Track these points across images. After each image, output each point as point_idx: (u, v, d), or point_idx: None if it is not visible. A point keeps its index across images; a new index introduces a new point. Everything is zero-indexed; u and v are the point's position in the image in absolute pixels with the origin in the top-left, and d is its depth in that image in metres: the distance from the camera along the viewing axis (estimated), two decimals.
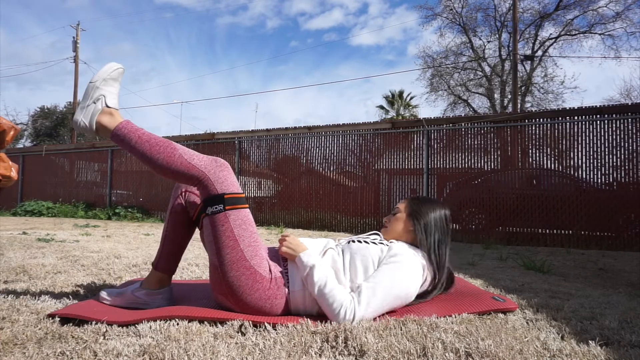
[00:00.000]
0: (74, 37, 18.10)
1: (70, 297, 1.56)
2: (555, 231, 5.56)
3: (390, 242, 1.41)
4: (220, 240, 1.29)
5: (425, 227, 1.42)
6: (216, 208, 1.30)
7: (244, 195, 1.37)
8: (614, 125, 5.41)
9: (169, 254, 1.49)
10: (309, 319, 1.20)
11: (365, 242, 1.39)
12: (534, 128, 5.94)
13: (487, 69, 18.42)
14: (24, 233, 4.25)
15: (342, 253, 1.38)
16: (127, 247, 3.32)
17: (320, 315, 1.29)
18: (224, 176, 1.34)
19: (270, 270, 1.32)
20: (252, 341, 1.07)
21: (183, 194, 1.50)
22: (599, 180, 5.48)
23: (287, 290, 1.31)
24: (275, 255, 1.40)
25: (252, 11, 54.22)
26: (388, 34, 47.62)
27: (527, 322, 1.29)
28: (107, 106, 1.39)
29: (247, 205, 1.36)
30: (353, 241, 1.41)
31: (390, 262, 1.30)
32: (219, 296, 1.33)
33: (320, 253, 1.37)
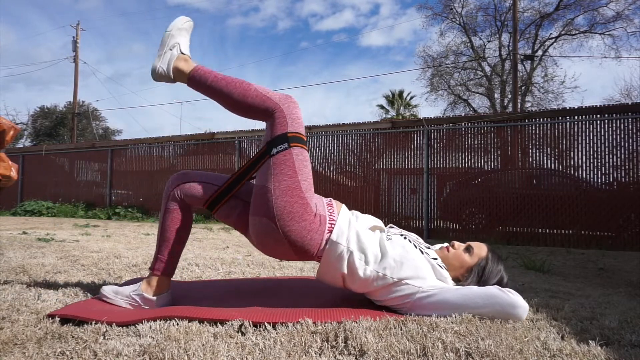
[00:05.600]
0: (73, 37, 18.09)
1: (70, 297, 1.55)
2: (555, 231, 5.56)
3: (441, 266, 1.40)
4: (280, 167, 1.35)
5: (477, 282, 1.41)
6: (281, 147, 1.36)
7: (305, 136, 1.43)
8: (614, 125, 5.41)
9: (167, 256, 1.46)
10: (309, 319, 1.20)
11: (421, 250, 1.40)
12: (534, 128, 5.94)
13: (487, 69, 18.43)
14: (24, 233, 4.25)
15: (387, 241, 1.40)
16: (127, 246, 3.32)
17: (342, 278, 1.35)
18: (296, 113, 1.41)
19: (317, 207, 1.38)
20: (252, 341, 1.07)
21: (176, 191, 1.46)
22: (599, 180, 5.48)
23: (328, 235, 1.36)
24: (320, 200, 1.44)
25: (263, 12, 54.34)
26: (398, 35, 47.64)
27: (527, 322, 1.28)
28: (182, 53, 1.47)
29: (306, 147, 1.42)
30: (405, 237, 1.44)
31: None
32: (262, 219, 1.34)
33: (369, 226, 1.43)
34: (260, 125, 9.84)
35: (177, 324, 1.17)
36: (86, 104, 23.76)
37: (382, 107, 25.03)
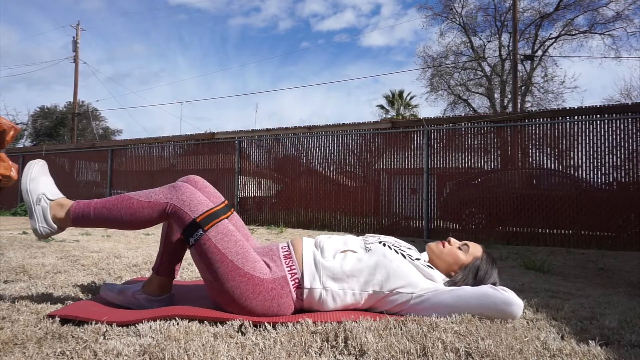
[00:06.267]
0: (73, 37, 18.09)
1: (70, 297, 1.55)
2: (555, 231, 5.57)
3: (429, 267, 1.38)
4: (207, 257, 1.27)
5: (472, 283, 1.40)
6: (196, 235, 1.28)
7: (214, 208, 1.33)
8: (614, 125, 5.41)
9: (169, 257, 1.47)
10: (309, 319, 1.20)
11: (403, 254, 1.35)
12: (534, 128, 5.94)
13: (487, 69, 18.44)
14: (24, 233, 4.24)
15: (367, 253, 1.34)
16: (127, 246, 3.32)
17: (336, 310, 1.31)
18: (187, 198, 1.31)
19: (269, 268, 1.31)
20: (252, 341, 1.07)
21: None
22: (599, 180, 5.48)
23: (297, 290, 1.30)
24: (275, 254, 1.37)
25: (265, 12, 54.36)
26: (399, 35, 47.70)
27: (527, 322, 1.29)
28: (51, 200, 1.37)
29: (223, 217, 1.33)
30: (384, 244, 1.37)
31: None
32: (228, 307, 1.30)
33: (338, 252, 1.35)
34: (260, 125, 9.82)
35: (177, 324, 1.17)
36: (86, 104, 23.76)
37: (382, 107, 25.05)
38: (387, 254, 1.32)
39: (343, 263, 1.32)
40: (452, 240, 1.51)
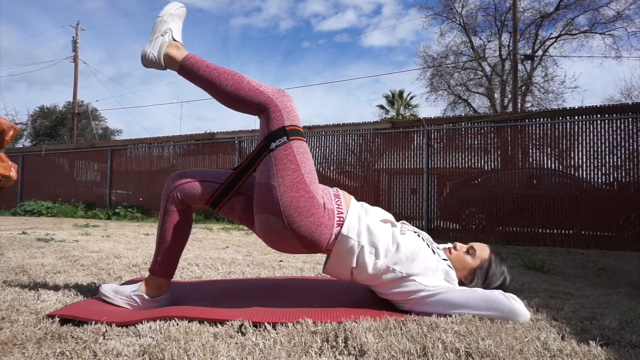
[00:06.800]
0: (73, 37, 18.09)
1: (70, 297, 1.55)
2: (555, 231, 5.56)
3: (449, 266, 1.40)
4: (282, 163, 1.31)
5: (483, 284, 1.41)
6: (280, 141, 1.32)
7: (301, 128, 1.40)
8: (614, 125, 5.41)
9: (166, 257, 1.45)
10: (309, 319, 1.20)
11: (433, 250, 1.39)
12: (534, 128, 5.94)
13: (488, 69, 18.43)
14: (24, 233, 4.24)
15: (401, 235, 1.38)
16: (126, 247, 3.32)
17: (352, 272, 1.35)
18: (290, 106, 1.38)
19: (324, 199, 1.36)
20: (252, 341, 1.07)
21: (175, 192, 1.43)
22: (600, 180, 5.48)
23: (338, 229, 1.34)
24: (327, 192, 1.43)
25: (266, 12, 54.36)
26: (400, 35, 47.69)
27: (527, 322, 1.28)
28: (174, 39, 1.42)
29: (305, 139, 1.39)
30: (419, 235, 1.43)
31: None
32: (270, 216, 1.31)
33: (380, 219, 1.41)
34: None
35: (177, 324, 1.17)
36: (86, 103, 23.76)
37: (382, 107, 25.04)
38: (419, 243, 1.37)
39: (381, 230, 1.36)
40: (458, 245, 1.51)
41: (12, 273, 1.99)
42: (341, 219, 1.35)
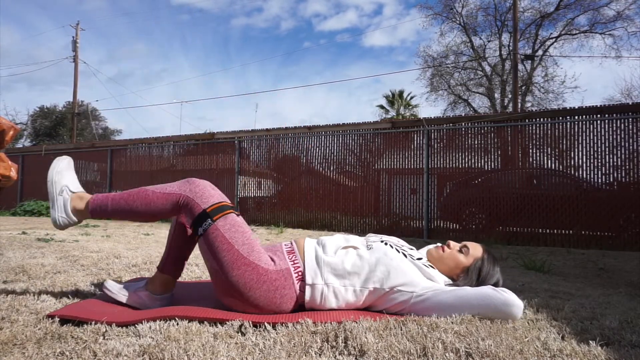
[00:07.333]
0: (73, 37, 18.09)
1: (70, 297, 1.55)
2: (555, 231, 5.56)
3: (430, 267, 1.39)
4: (214, 246, 1.31)
5: (475, 284, 1.40)
6: (205, 225, 1.32)
7: (225, 202, 1.37)
8: (614, 125, 5.41)
9: (175, 258, 1.50)
10: (309, 319, 1.20)
11: (404, 253, 1.37)
12: (534, 128, 5.94)
13: (488, 69, 18.42)
14: (24, 233, 4.24)
15: (369, 250, 1.36)
16: (126, 247, 3.32)
17: (339, 309, 1.32)
18: (200, 191, 1.37)
19: (273, 262, 1.34)
20: (252, 341, 1.07)
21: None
22: (600, 180, 5.48)
23: (301, 283, 1.32)
24: (279, 250, 1.40)
25: (267, 12, 54.35)
26: (401, 35, 47.66)
27: (527, 322, 1.28)
28: (72, 192, 1.45)
29: (231, 211, 1.37)
30: (386, 243, 1.39)
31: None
32: (228, 298, 1.33)
33: (340, 248, 1.38)
34: (261, 125, 9.81)
35: (177, 324, 1.17)
36: (85, 103, 23.76)
37: (382, 107, 25.03)
38: (388, 252, 1.34)
39: (344, 259, 1.34)
40: (452, 243, 1.50)
41: (12, 273, 1.99)
42: (300, 274, 1.33)
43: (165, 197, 1.37)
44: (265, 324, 1.19)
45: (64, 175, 1.47)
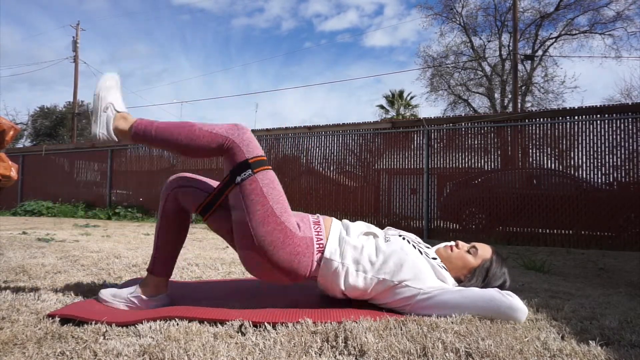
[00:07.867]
0: (73, 37, 18.09)
1: (70, 297, 1.55)
2: (555, 231, 5.56)
3: (441, 266, 1.40)
4: (249, 198, 1.32)
5: (482, 285, 1.40)
6: (245, 174, 1.33)
7: (265, 158, 1.39)
8: (614, 125, 5.41)
9: (165, 257, 1.47)
10: (309, 319, 1.20)
11: (420, 250, 1.39)
12: (534, 128, 5.94)
13: (488, 69, 18.43)
14: (24, 233, 4.24)
15: (386, 242, 1.39)
16: (127, 246, 3.32)
17: (344, 295, 1.36)
18: (247, 139, 1.37)
19: (299, 227, 1.37)
20: (252, 341, 1.07)
21: (175, 191, 1.46)
22: (599, 180, 5.48)
23: (319, 255, 1.35)
24: (306, 218, 1.44)
25: (268, 13, 54.33)
26: (401, 35, 47.65)
27: (527, 322, 1.28)
28: (117, 111, 1.43)
29: (270, 167, 1.39)
30: (404, 238, 1.43)
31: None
32: (246, 251, 1.34)
33: (362, 234, 1.42)
34: (261, 125, 9.80)
35: (177, 324, 1.17)
36: (86, 104, 23.75)
37: (382, 107, 25.03)
38: (404, 247, 1.37)
39: (365, 244, 1.37)
40: (460, 243, 1.51)
41: (13, 273, 1.99)
42: (321, 246, 1.36)
43: (212, 137, 1.35)
44: (265, 323, 1.19)
45: (111, 92, 1.44)
